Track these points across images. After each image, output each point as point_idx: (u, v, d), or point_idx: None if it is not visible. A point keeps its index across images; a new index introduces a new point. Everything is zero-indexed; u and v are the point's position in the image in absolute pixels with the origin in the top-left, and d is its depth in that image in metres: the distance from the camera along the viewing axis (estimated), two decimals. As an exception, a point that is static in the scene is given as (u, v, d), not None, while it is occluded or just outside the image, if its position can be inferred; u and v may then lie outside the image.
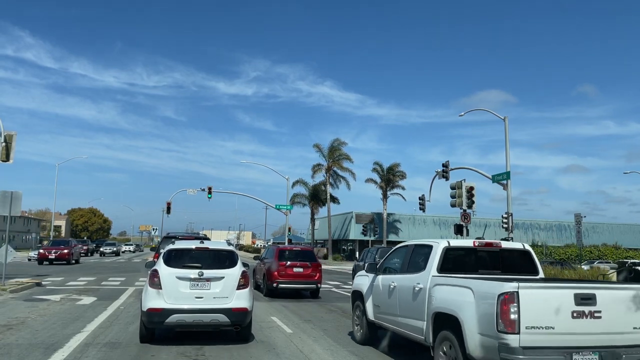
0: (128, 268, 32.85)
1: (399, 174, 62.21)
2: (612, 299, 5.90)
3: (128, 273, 27.28)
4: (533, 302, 5.64)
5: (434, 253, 7.53)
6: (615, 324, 5.82)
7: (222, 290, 8.91)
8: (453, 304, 6.48)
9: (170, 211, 52.08)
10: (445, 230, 67.82)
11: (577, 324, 5.71)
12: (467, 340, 6.12)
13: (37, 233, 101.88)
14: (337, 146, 62.36)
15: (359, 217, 66.51)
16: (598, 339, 5.77)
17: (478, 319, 6.00)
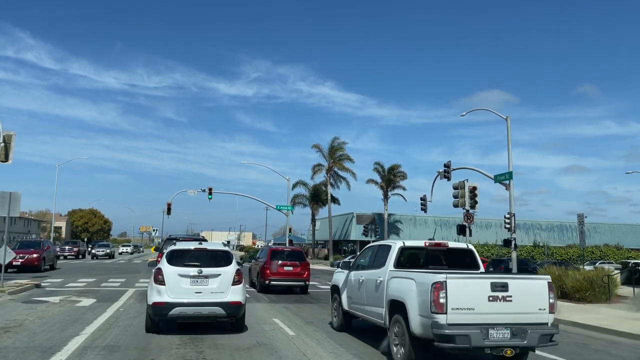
0: (128, 269, 32.67)
1: (399, 174, 62.04)
2: (521, 287, 7.33)
3: (128, 274, 27.11)
4: (457, 290, 7.05)
5: (391, 252, 9.05)
6: (523, 306, 7.24)
7: (218, 286, 9.96)
8: (402, 292, 7.91)
9: (170, 212, 51.86)
10: (446, 231, 67.60)
11: (492, 306, 7.12)
12: (410, 320, 7.52)
13: (37, 234, 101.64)
14: (338, 146, 62.24)
15: (360, 217, 66.32)
16: (509, 317, 7.16)
17: (418, 303, 7.41)
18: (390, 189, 62.32)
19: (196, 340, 9.35)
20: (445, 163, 35.15)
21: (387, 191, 62.16)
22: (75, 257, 49.81)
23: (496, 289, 7.17)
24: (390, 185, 61.80)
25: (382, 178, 62.20)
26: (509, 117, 29.86)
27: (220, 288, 9.98)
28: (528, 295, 7.32)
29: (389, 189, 62.01)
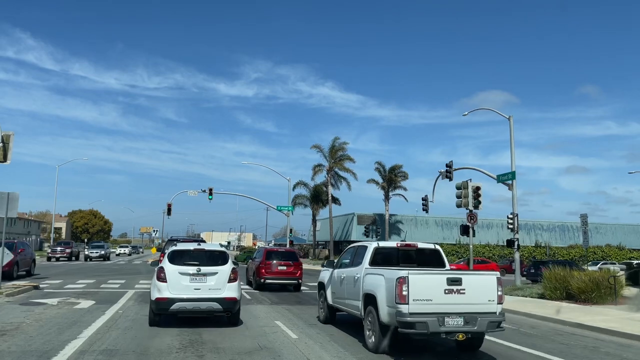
0: (129, 270, 32.42)
1: (401, 174, 61.80)
2: (473, 281, 8.38)
3: (129, 275, 26.86)
4: (418, 283, 8.06)
5: (367, 252, 10.29)
6: (475, 297, 8.27)
7: (216, 283, 10.85)
8: (374, 286, 9.03)
9: (170, 212, 51.63)
10: (447, 231, 67.42)
11: (448, 297, 8.13)
12: (380, 310, 8.64)
13: (37, 235, 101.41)
14: (339, 146, 62.00)
15: (361, 218, 66.12)
16: (463, 307, 8.18)
17: (386, 296, 8.48)
18: (392, 189, 62.07)
19: (196, 344, 9.11)
20: (447, 163, 34.93)
21: (388, 191, 61.90)
22: (68, 259, 46.76)
23: (451, 283, 8.24)
24: (392, 185, 61.55)
25: (383, 178, 61.96)
26: (512, 116, 29.60)
27: (217, 285, 10.86)
28: (479, 289, 8.42)
29: (390, 189, 61.76)
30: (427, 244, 11.05)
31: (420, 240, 57.73)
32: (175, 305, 10.48)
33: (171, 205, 51.98)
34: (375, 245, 10.45)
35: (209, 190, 52.74)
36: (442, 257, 10.56)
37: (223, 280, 10.91)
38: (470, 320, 8.20)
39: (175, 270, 10.81)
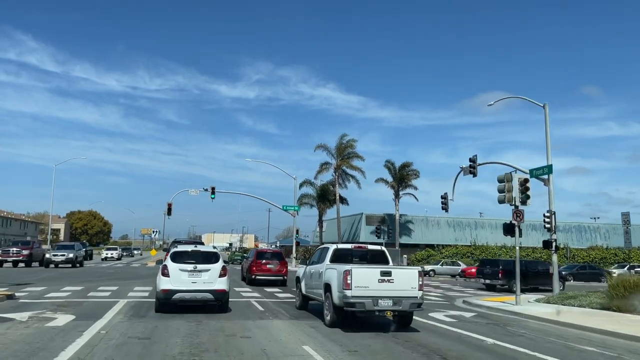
0: (125, 275, 29.70)
1: (411, 172, 59.01)
2: (400, 274, 11.38)
3: (123, 281, 24.12)
4: (358, 275, 11.01)
5: (329, 252, 13.11)
6: (401, 285, 11.22)
7: (209, 278, 13.12)
8: (330, 277, 11.82)
9: (171, 212, 48.97)
10: (460, 232, 64.62)
11: (381, 285, 11.10)
12: (333, 295, 11.46)
13: (34, 237, 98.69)
14: (347, 143, 59.22)
15: (370, 218, 63.36)
16: (392, 292, 11.10)
17: (337, 284, 11.29)
18: (402, 188, 59.30)
19: None
20: (470, 158, 32.26)
21: (398, 190, 59.13)
22: (26, 264, 36.51)
23: (383, 275, 11.02)
24: (402, 184, 58.78)
25: (393, 176, 59.19)
26: (547, 104, 27.13)
27: (210, 279, 13.15)
28: (404, 279, 11.20)
29: (400, 188, 59.00)
30: (376, 246, 14.06)
31: (433, 241, 54.81)
32: (177, 296, 12.80)
33: (171, 205, 49.35)
34: (335, 247, 13.43)
35: (212, 189, 50.14)
36: (386, 256, 13.45)
37: (215, 276, 13.24)
38: (397, 302, 11.04)
39: (176, 267, 13.15)
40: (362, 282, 10.95)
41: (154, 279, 16.64)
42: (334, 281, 11.51)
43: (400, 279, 11.23)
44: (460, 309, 17.17)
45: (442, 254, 51.78)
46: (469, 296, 22.18)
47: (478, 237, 64.52)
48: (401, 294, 11.13)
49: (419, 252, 52.47)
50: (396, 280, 11.15)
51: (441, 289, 27.24)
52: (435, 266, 41.02)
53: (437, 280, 36.06)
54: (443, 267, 41.02)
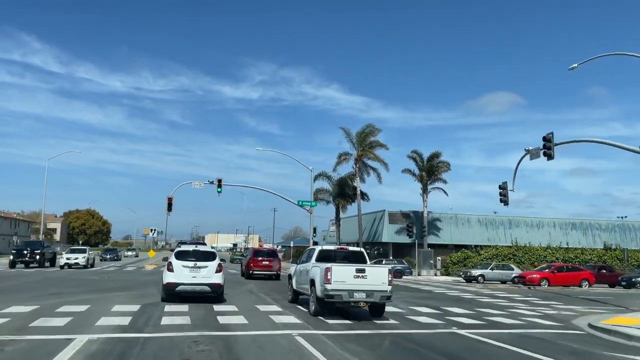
0: (111, 282, 23.48)
1: (441, 164, 52.66)
2: (373, 271, 13.28)
3: (103, 293, 17.87)
4: (337, 272, 12.88)
5: (315, 252, 15.48)
6: (374, 280, 13.02)
7: (207, 273, 15.70)
8: (315, 274, 13.73)
9: (171, 208, 42.68)
10: (492, 231, 58.20)
11: (356, 280, 12.90)
12: (316, 288, 13.31)
13: (27, 236, 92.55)
14: (369, 131, 52.89)
15: (393, 216, 57.01)
16: (365, 286, 12.90)
17: (319, 279, 13.11)
18: (430, 182, 52.97)
19: None
20: (544, 136, 25.88)
21: (426, 184, 52.76)
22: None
23: (358, 272, 13.04)
24: (431, 176, 52.43)
25: (420, 168, 52.86)
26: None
27: (208, 274, 15.67)
28: (376, 276, 13.17)
29: (429, 181, 52.66)
30: (355, 247, 16.73)
31: (463, 241, 48.34)
32: (179, 288, 15.31)
33: (172, 199, 43.09)
34: (320, 248, 15.71)
35: (218, 181, 43.96)
36: (364, 256, 15.58)
37: (212, 271, 15.76)
38: (369, 295, 12.94)
39: (180, 263, 15.65)
40: (340, 278, 12.80)
41: (149, 290, 17.20)
42: (317, 277, 13.37)
43: (373, 275, 13.10)
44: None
45: (481, 256, 45.42)
46: (593, 314, 15.83)
47: (512, 236, 58.12)
48: (373, 288, 12.95)
49: (454, 254, 46.11)
50: (369, 277, 13.02)
51: (517, 301, 20.93)
52: (485, 270, 34.65)
53: (492, 288, 29.65)
54: (494, 272, 34.62)
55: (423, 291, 25.05)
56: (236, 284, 23.63)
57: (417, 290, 25.74)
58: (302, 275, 15.57)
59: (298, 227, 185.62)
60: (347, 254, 15.57)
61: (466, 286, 30.57)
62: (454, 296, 22.50)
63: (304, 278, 15.13)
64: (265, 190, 48.07)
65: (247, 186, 49.53)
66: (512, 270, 35.07)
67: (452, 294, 23.62)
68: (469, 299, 21.28)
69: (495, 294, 24.57)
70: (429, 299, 20.16)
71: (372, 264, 16.16)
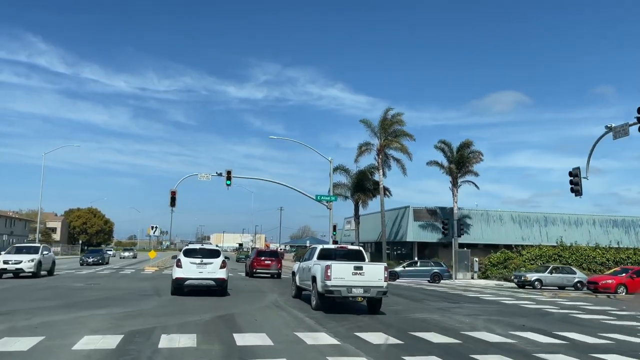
0: (96, 291, 18.61)
1: (473, 154, 47.57)
2: (369, 268, 14.15)
3: (76, 312, 12.91)
4: (336, 269, 13.81)
5: (316, 251, 16.48)
6: (370, 277, 13.92)
7: (212, 269, 17.21)
8: (316, 271, 14.70)
9: (174, 203, 37.94)
10: (527, 229, 52.98)
11: (354, 277, 13.82)
12: (317, 284, 14.30)
13: (24, 235, 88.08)
14: (392, 118, 47.85)
15: (418, 212, 51.92)
16: (363, 282, 13.83)
17: (320, 275, 14.06)
18: (461, 174, 47.89)
19: None
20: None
21: (457, 177, 47.69)
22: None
23: (356, 269, 13.89)
24: (462, 168, 47.35)
25: (449, 159, 47.80)
26: None
27: (213, 270, 17.16)
28: (373, 272, 14.02)
29: (459, 173, 47.58)
30: (354, 246, 17.76)
31: (495, 240, 43.26)
32: (187, 282, 16.98)
33: (175, 193, 38.38)
34: (321, 247, 16.84)
35: (227, 173, 39.14)
36: (363, 255, 16.42)
37: (217, 267, 17.23)
38: (367, 290, 13.80)
39: (187, 260, 17.21)
40: (339, 274, 13.75)
41: (145, 303, 14.86)
42: (318, 274, 14.32)
43: (370, 272, 14.00)
44: None
45: (523, 257, 40.34)
46: None
47: (549, 234, 52.99)
48: (370, 284, 13.87)
49: (493, 255, 41.01)
50: (366, 273, 13.92)
51: (627, 317, 15.81)
52: (542, 274, 29.52)
53: (562, 296, 24.44)
54: (553, 276, 29.49)
55: (485, 301, 19.99)
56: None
57: (476, 300, 20.67)
58: (304, 272, 16.80)
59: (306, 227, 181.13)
60: (346, 252, 16.53)
61: (523, 293, 25.50)
62: (533, 310, 17.45)
63: (306, 275, 16.33)
64: (280, 183, 43.15)
65: (260, 179, 44.67)
66: (575, 274, 29.94)
67: (527, 306, 18.58)
68: (562, 315, 16.21)
69: (580, 305, 19.47)
70: (514, 316, 15.12)
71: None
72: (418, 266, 33.68)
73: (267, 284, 24.96)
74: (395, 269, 33.72)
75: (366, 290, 13.77)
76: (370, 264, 14.62)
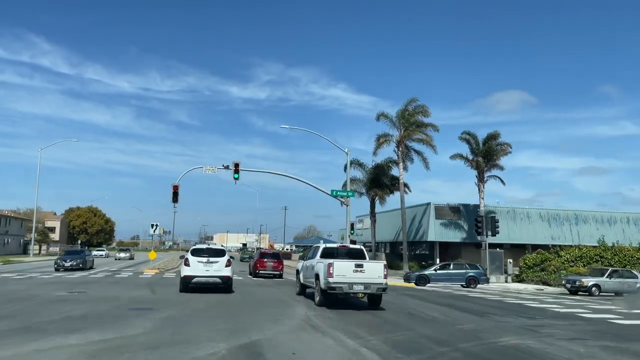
0: (64, 310, 14.80)
1: (500, 146, 43.73)
2: (370, 266, 15.10)
3: (32, 342, 9.14)
4: (338, 266, 14.77)
5: (319, 250, 17.46)
6: (371, 274, 14.85)
7: (218, 267, 18.49)
8: (319, 269, 15.62)
9: (177, 198, 34.19)
10: (557, 228, 49.12)
11: (355, 274, 14.72)
12: (320, 281, 15.22)
13: (20, 235, 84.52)
14: (415, 109, 44.02)
15: (440, 210, 48.07)
16: (363, 279, 14.77)
17: (323, 273, 14.98)
18: (488, 168, 44.08)
19: None
20: None
21: (483, 171, 43.87)
22: None
23: (357, 267, 14.85)
24: (489, 161, 43.53)
25: (474, 152, 44.00)
26: None
27: (219, 268, 18.46)
28: (373, 270, 14.97)
29: (486, 167, 43.76)
30: (355, 245, 19.12)
31: (522, 239, 39.48)
32: (195, 280, 18.18)
33: (178, 187, 34.68)
34: (324, 246, 17.80)
35: (235, 165, 35.61)
36: (364, 253, 17.26)
37: (222, 266, 18.56)
38: (367, 287, 14.74)
39: (195, 259, 18.53)
40: (341, 272, 14.62)
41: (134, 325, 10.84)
42: (321, 271, 15.17)
43: (370, 269, 14.91)
44: None
45: (562, 258, 36.47)
46: None
47: (580, 233, 49.13)
48: (370, 280, 14.74)
49: (529, 256, 37.12)
50: (367, 271, 14.82)
51: None
52: (600, 279, 25.64)
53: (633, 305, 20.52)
54: (612, 281, 25.63)
55: (560, 315, 16.15)
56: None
57: (545, 313, 16.82)
58: (308, 270, 17.65)
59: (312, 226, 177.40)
60: (348, 251, 17.37)
61: (585, 301, 21.65)
62: (635, 327, 13.63)
63: (309, 273, 17.16)
64: (294, 177, 39.31)
65: (271, 172, 40.56)
66: (636, 279, 26.06)
67: (616, 322, 14.73)
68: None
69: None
70: (622, 339, 11.29)
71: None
72: (451, 269, 29.80)
73: (275, 285, 23.37)
74: (425, 272, 29.89)
75: (366, 287, 14.82)
76: (370, 262, 15.80)
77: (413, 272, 30.53)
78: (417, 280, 28.95)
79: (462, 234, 47.19)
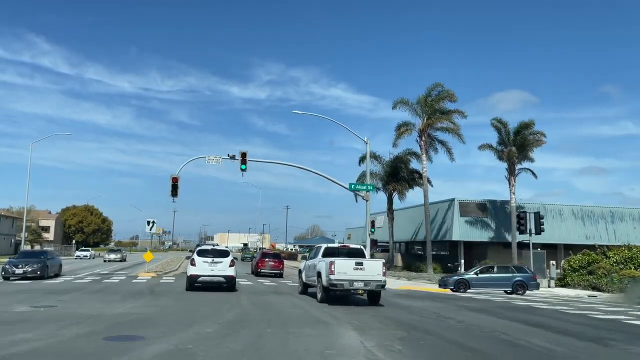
0: (5, 339, 10.64)
1: (534, 137, 39.64)
2: (369, 264, 16.29)
3: None
4: (339, 264, 15.82)
5: (321, 249, 18.55)
6: (370, 272, 15.91)
7: (222, 267, 19.63)
8: (321, 267, 16.62)
9: (177, 192, 30.11)
10: (592, 227, 44.99)
11: (355, 272, 15.75)
12: (322, 279, 16.21)
13: (11, 234, 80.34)
14: (439, 94, 39.93)
15: (465, 206, 43.94)
16: (363, 277, 15.80)
17: (325, 271, 15.99)
18: (519, 161, 40.02)
19: None
20: None
21: (514, 163, 39.80)
22: None
23: (357, 265, 15.80)
24: (522, 153, 39.45)
25: (505, 143, 39.94)
26: None
27: (223, 268, 19.61)
28: (372, 268, 16.04)
29: (517, 160, 39.67)
30: (356, 245, 20.30)
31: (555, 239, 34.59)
32: (200, 279, 19.52)
33: (177, 179, 30.65)
34: (326, 246, 19.17)
35: (242, 155, 31.58)
36: (364, 252, 18.60)
37: (226, 266, 19.70)
38: (367, 284, 15.78)
39: (200, 259, 19.71)
40: (342, 270, 15.62)
41: None
42: (323, 269, 16.19)
43: (369, 267, 15.98)
44: None
45: (610, 260, 32.38)
46: None
47: (617, 232, 45.05)
48: (370, 278, 15.78)
49: (574, 257, 32.98)
50: (366, 268, 15.85)
51: None
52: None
53: None
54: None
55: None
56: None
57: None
58: (310, 269, 18.59)
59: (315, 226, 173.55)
60: (348, 250, 18.53)
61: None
62: None
63: (312, 271, 18.06)
64: (309, 169, 35.12)
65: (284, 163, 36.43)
66: None
67: None
68: None
69: None
70: None
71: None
72: (495, 272, 25.67)
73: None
74: (465, 276, 25.75)
75: (366, 284, 15.81)
76: (370, 260, 17.02)
77: (450, 277, 26.37)
78: (456, 286, 24.83)
79: (489, 232, 43.10)
